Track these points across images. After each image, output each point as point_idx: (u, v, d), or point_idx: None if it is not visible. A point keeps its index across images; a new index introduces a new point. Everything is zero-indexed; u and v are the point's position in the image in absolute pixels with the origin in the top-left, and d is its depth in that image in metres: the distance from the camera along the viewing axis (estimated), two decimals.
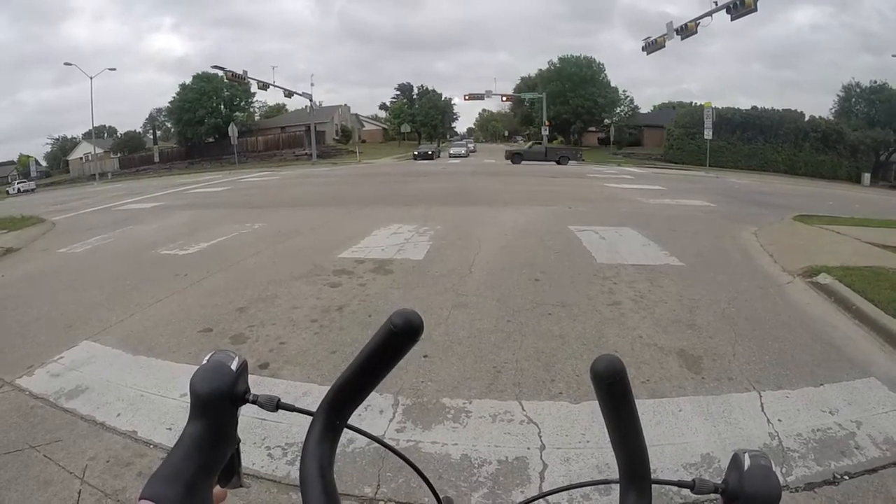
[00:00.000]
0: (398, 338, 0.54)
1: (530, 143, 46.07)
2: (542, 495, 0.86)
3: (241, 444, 0.62)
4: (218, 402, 0.57)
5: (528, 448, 2.81)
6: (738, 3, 24.52)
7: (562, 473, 2.57)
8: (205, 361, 0.59)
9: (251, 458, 2.71)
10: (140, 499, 0.50)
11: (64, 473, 2.69)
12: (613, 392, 0.54)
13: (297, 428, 2.89)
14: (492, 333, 4.39)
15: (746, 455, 0.54)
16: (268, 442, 2.88)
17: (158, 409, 3.30)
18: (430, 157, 42.72)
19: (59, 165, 63.92)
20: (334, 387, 0.60)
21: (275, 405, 0.61)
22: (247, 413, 0.63)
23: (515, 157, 36.16)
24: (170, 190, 19.89)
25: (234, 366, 0.59)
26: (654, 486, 0.58)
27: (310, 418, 0.62)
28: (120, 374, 3.85)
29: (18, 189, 41.32)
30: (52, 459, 2.81)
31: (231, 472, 0.61)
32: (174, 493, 0.51)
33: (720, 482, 0.54)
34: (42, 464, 2.78)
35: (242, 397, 0.59)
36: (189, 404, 0.58)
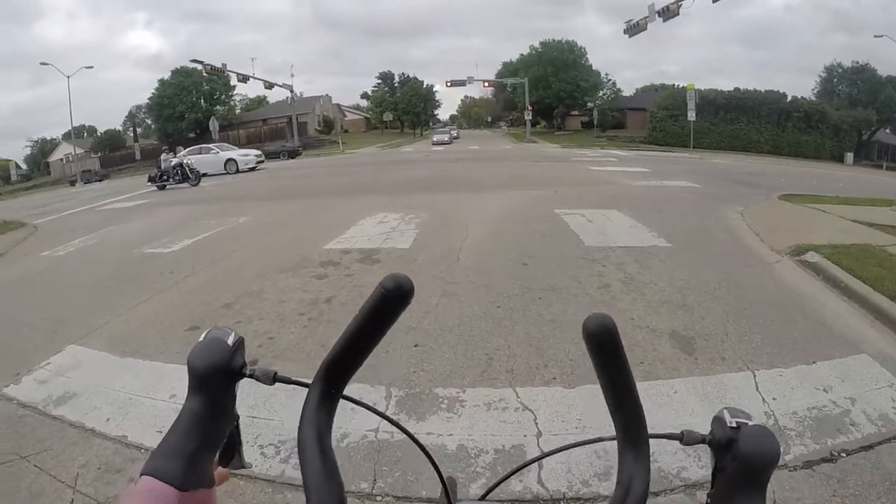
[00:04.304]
0: (389, 301, 0.54)
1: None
2: (540, 458, 0.95)
3: (240, 421, 0.62)
4: (215, 377, 0.57)
5: (525, 436, 2.78)
6: None
7: (560, 460, 2.53)
8: (201, 339, 0.59)
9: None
10: (141, 475, 0.50)
11: (55, 483, 2.62)
12: (605, 350, 0.55)
13: (291, 423, 2.84)
14: (482, 320, 4.35)
15: (726, 411, 0.57)
16: (260, 440, 2.82)
17: (148, 412, 3.22)
18: (292, 156, 34.07)
19: (39, 168, 62.70)
20: (329, 356, 0.60)
21: (271, 378, 0.61)
22: (238, 412, 0.61)
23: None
24: (153, 187, 19.54)
25: (230, 341, 0.59)
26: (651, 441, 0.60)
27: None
28: (107, 377, 3.76)
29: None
30: (42, 469, 2.73)
31: (232, 451, 0.62)
32: (175, 467, 0.51)
33: (707, 433, 0.57)
34: (33, 474, 2.70)
35: (239, 372, 0.59)
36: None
